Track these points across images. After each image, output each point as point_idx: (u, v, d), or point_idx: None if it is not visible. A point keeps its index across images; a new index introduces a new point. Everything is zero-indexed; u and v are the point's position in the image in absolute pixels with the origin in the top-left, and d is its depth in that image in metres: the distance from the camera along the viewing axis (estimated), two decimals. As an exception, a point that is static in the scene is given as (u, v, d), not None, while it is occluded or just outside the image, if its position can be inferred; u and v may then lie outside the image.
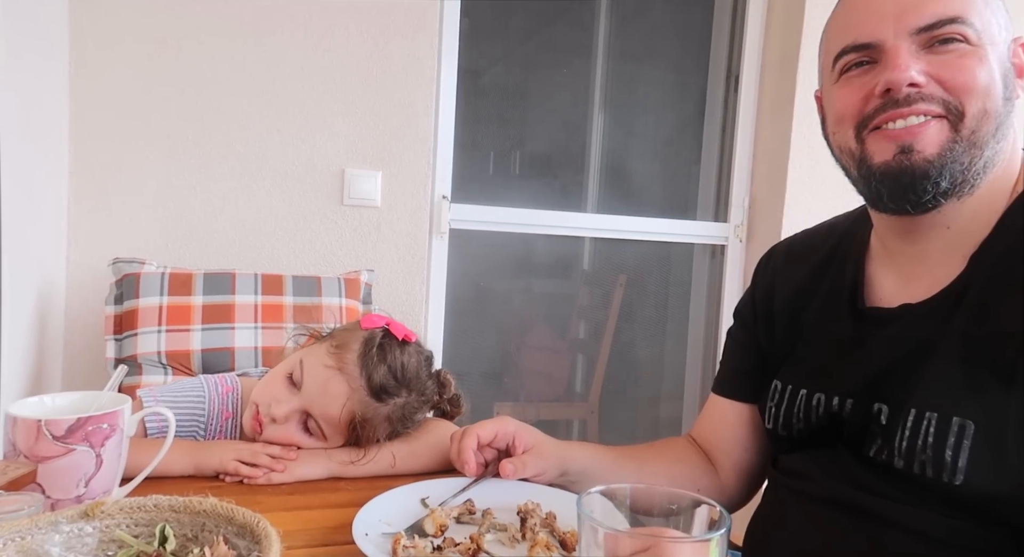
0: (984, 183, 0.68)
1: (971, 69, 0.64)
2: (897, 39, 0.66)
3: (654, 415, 2.52)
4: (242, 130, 1.72)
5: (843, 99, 0.71)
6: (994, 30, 0.66)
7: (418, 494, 0.78)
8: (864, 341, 0.74)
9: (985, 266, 0.67)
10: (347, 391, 0.85)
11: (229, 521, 0.51)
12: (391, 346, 0.88)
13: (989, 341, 0.64)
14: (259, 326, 1.50)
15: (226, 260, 1.72)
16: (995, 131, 0.66)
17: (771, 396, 0.83)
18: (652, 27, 2.28)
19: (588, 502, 0.49)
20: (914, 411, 0.67)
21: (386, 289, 1.82)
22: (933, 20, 0.65)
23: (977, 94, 0.65)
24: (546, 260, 2.29)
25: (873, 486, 0.70)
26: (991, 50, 0.65)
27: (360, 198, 1.81)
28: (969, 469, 0.63)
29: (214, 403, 0.94)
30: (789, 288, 0.86)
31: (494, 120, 2.19)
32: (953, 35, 0.65)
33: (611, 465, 0.88)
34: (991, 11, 0.67)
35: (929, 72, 0.65)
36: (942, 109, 0.65)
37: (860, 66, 0.69)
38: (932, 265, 0.71)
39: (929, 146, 0.65)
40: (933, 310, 0.69)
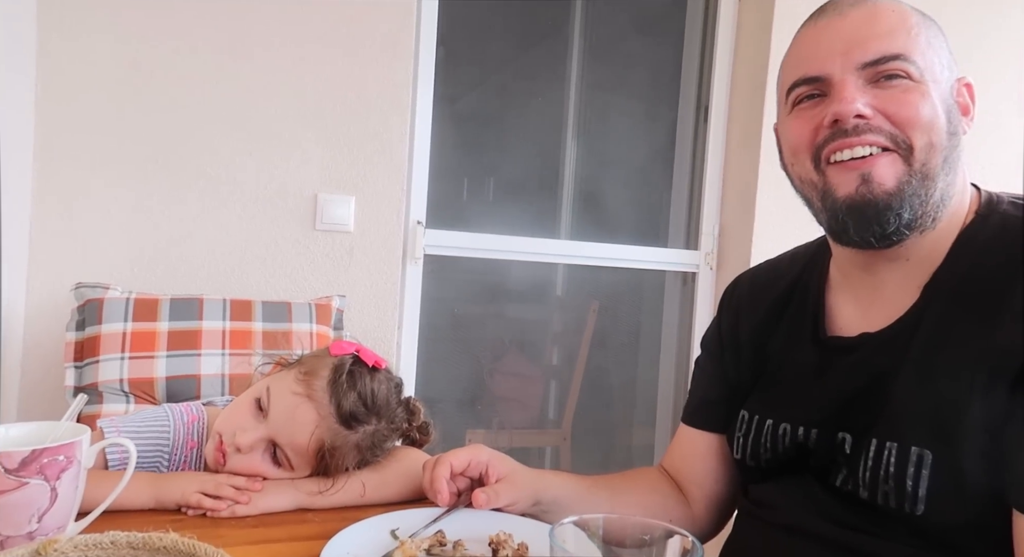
0: (944, 216, 0.70)
1: (915, 103, 0.67)
2: (844, 73, 0.69)
3: (627, 442, 2.52)
4: (213, 153, 1.70)
5: (795, 130, 0.73)
6: (936, 69, 0.69)
7: (388, 525, 0.76)
8: (826, 370, 0.75)
9: (938, 296, 0.69)
10: (316, 419, 0.82)
11: (190, 557, 0.49)
12: (361, 373, 0.86)
13: (944, 371, 0.65)
14: (227, 352, 1.47)
15: (194, 285, 1.68)
16: (943, 164, 0.68)
17: (739, 426, 0.83)
18: (624, 58, 2.34)
19: (561, 533, 0.49)
20: (875, 441, 0.68)
21: (358, 315, 1.80)
22: (877, 56, 0.68)
23: (922, 128, 0.67)
24: (519, 286, 2.29)
25: (841, 517, 0.71)
26: (934, 87, 0.68)
27: (333, 223, 1.79)
28: (929, 499, 0.63)
29: (179, 433, 0.91)
30: (754, 318, 0.87)
31: (469, 146, 2.20)
32: (897, 71, 0.68)
33: (584, 495, 0.87)
34: (934, 51, 0.70)
35: (875, 105, 0.68)
36: (889, 142, 0.68)
37: (811, 99, 0.72)
38: (889, 295, 0.73)
39: (887, 179, 0.68)
40: (891, 340, 0.70)
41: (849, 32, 0.69)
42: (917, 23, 0.70)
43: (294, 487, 0.84)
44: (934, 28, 0.72)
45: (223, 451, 0.85)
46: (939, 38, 0.71)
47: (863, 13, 0.70)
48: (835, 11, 0.71)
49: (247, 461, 0.84)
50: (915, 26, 0.70)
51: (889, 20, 0.69)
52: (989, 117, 2.20)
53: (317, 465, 0.85)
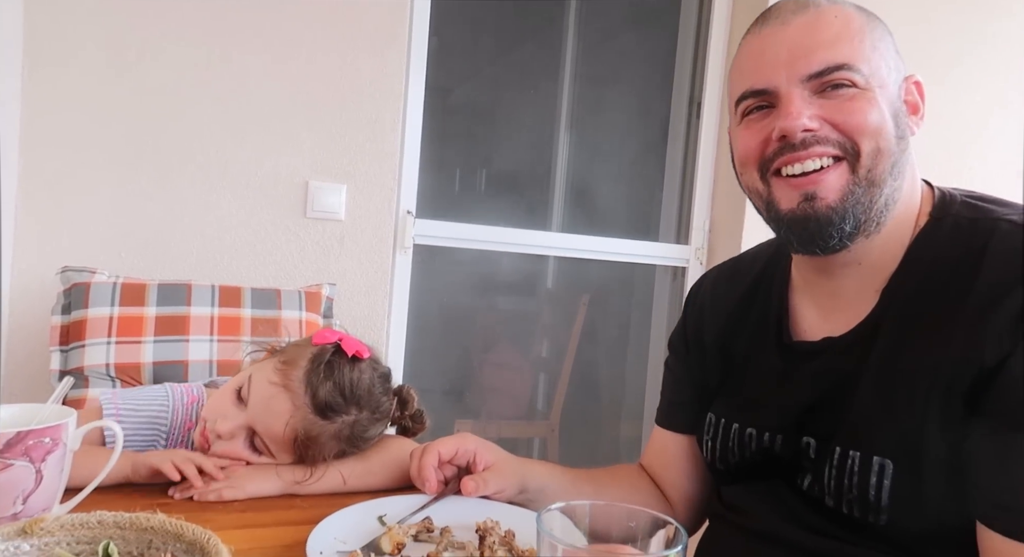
0: (889, 219, 0.70)
1: (862, 111, 0.67)
2: (790, 85, 0.68)
3: (614, 435, 2.53)
4: (203, 138, 1.69)
5: (744, 141, 0.73)
6: (883, 73, 0.68)
7: (375, 511, 0.77)
8: (791, 375, 0.76)
9: (896, 301, 0.69)
10: (290, 409, 0.82)
11: (178, 538, 0.49)
12: (340, 363, 0.86)
13: (903, 376, 0.65)
14: (215, 339, 1.46)
15: (183, 271, 1.67)
16: (891, 169, 0.68)
17: (707, 429, 0.84)
18: (618, 53, 2.34)
19: (548, 519, 0.49)
20: (839, 449, 0.68)
21: (348, 303, 1.80)
22: (822, 67, 0.67)
23: (869, 134, 0.67)
24: (510, 278, 2.30)
25: (810, 521, 0.71)
26: (880, 92, 0.67)
27: (323, 211, 1.79)
28: (891, 509, 0.64)
29: (178, 413, 0.92)
30: (718, 319, 0.87)
31: (461, 138, 2.20)
32: (842, 81, 0.67)
33: (569, 487, 0.88)
34: (879, 55, 0.69)
35: (822, 116, 0.67)
36: (839, 150, 0.68)
37: (760, 110, 0.72)
38: (848, 300, 0.73)
39: (831, 193, 0.68)
40: (852, 345, 0.71)
41: (792, 42, 0.68)
42: (861, 27, 0.69)
43: (277, 473, 0.84)
44: (879, 29, 0.71)
45: (207, 437, 0.85)
46: (885, 39, 0.71)
47: (805, 21, 0.68)
48: (777, 19, 0.70)
49: (229, 448, 0.85)
50: (859, 31, 0.68)
51: (832, 27, 0.68)
52: (985, 115, 2.22)
53: (295, 454, 0.85)
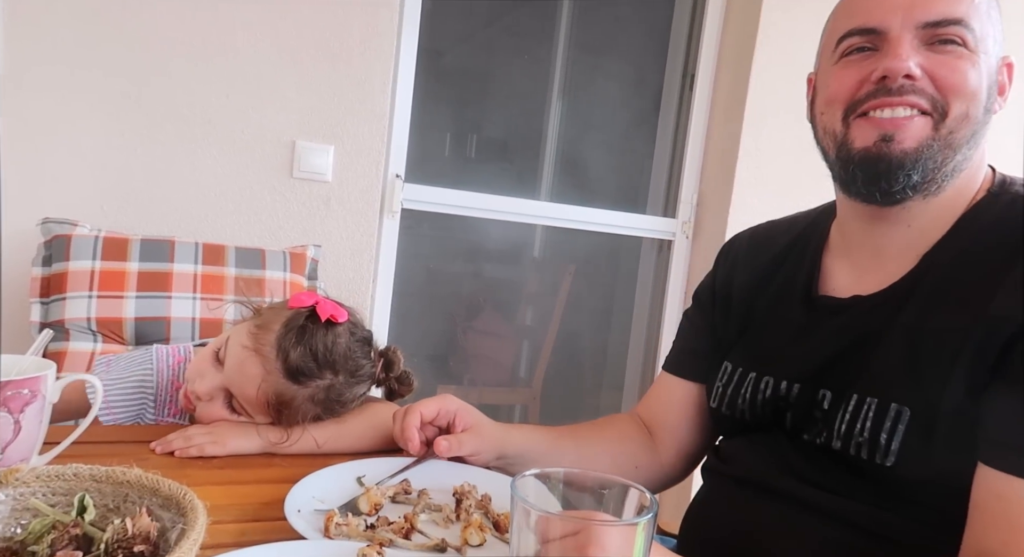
0: (950, 186, 0.71)
1: (963, 71, 0.67)
2: (903, 30, 0.68)
3: (595, 403, 2.57)
4: (189, 92, 1.65)
5: (839, 80, 0.72)
6: (990, 42, 0.69)
7: (354, 472, 0.78)
8: (814, 329, 0.77)
9: (936, 266, 0.70)
10: (262, 373, 0.83)
11: (154, 492, 0.50)
12: (314, 328, 0.85)
13: (932, 336, 0.67)
14: (198, 297, 1.45)
15: (166, 227, 1.65)
16: (971, 137, 0.69)
17: (720, 376, 0.86)
18: (614, 21, 2.30)
19: (522, 485, 0.50)
20: (855, 397, 0.70)
21: (333, 266, 1.79)
22: (939, 18, 0.67)
23: (964, 96, 0.67)
24: (497, 245, 2.29)
25: (804, 472, 0.73)
26: (984, 58, 0.68)
27: (311, 172, 1.76)
28: (900, 452, 0.66)
29: (163, 375, 0.92)
30: (748, 275, 0.89)
31: (452, 102, 2.17)
32: (954, 37, 0.67)
33: (550, 447, 0.89)
34: (991, 23, 0.69)
35: (925, 66, 0.68)
36: (929, 105, 0.68)
37: (862, 51, 0.71)
38: (886, 260, 0.74)
39: (908, 139, 0.68)
40: (882, 303, 0.72)
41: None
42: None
43: (259, 432, 0.85)
44: (994, 3, 0.71)
45: (189, 397, 0.87)
46: (996, 11, 0.71)
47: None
48: None
49: (209, 409, 0.86)
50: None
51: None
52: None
53: (272, 416, 0.85)
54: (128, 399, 0.91)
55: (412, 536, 0.65)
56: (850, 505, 0.69)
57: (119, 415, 0.91)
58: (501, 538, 0.67)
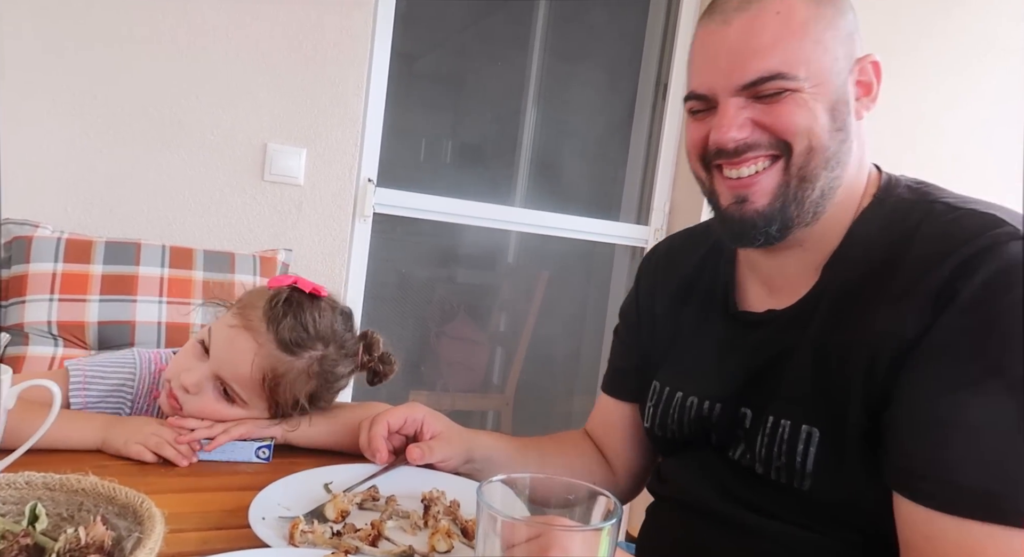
0: (829, 206, 0.72)
1: (791, 115, 0.68)
2: (725, 95, 0.70)
3: (567, 409, 2.57)
4: (157, 92, 1.63)
5: (690, 135, 0.76)
6: (825, 68, 0.68)
7: (322, 479, 0.77)
8: (734, 345, 0.78)
9: (836, 278, 0.71)
10: (254, 347, 0.81)
11: (110, 501, 0.48)
12: (300, 300, 0.84)
13: (834, 352, 0.67)
14: (164, 300, 1.43)
15: (132, 230, 1.62)
16: (826, 163, 0.70)
17: (651, 396, 0.86)
18: (589, 29, 2.32)
19: (489, 491, 0.50)
20: (771, 418, 0.71)
21: (304, 270, 1.77)
22: (755, 77, 0.68)
23: (800, 135, 0.68)
24: (471, 251, 2.29)
25: (737, 492, 0.74)
26: (817, 90, 0.68)
27: (282, 175, 1.74)
28: (815, 474, 0.67)
29: (144, 381, 0.90)
30: (669, 289, 0.89)
31: (427, 106, 2.16)
32: (775, 89, 0.68)
33: (514, 455, 0.89)
34: (822, 49, 0.68)
35: (755, 119, 0.69)
36: (774, 150, 0.70)
37: (702, 112, 0.74)
38: (791, 276, 0.75)
39: (762, 197, 0.70)
40: (794, 318, 0.73)
41: (730, 47, 0.69)
42: (805, 21, 0.68)
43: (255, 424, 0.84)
44: (828, 15, 0.69)
45: (175, 396, 0.83)
46: (835, 25, 0.69)
47: (746, 20, 0.68)
48: (721, 16, 0.70)
49: (199, 402, 0.83)
50: (801, 26, 0.68)
51: (770, 28, 0.67)
52: (939, 107, 2.28)
53: (268, 397, 0.83)
54: (107, 399, 0.88)
55: (379, 543, 0.64)
56: (777, 526, 0.70)
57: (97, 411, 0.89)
58: (469, 544, 0.66)
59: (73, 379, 0.86)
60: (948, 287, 0.60)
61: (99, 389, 0.88)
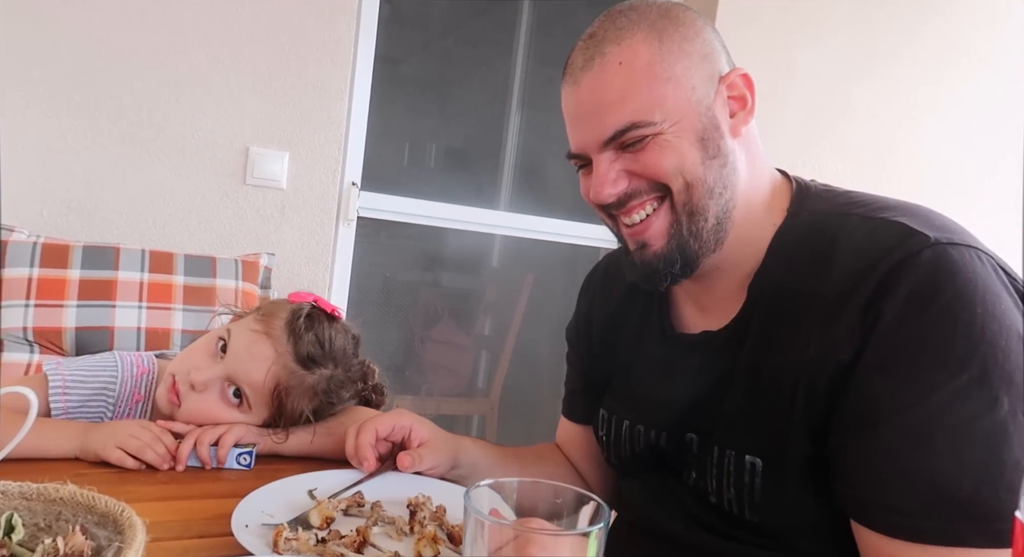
0: (730, 228, 0.71)
1: (656, 159, 0.68)
2: (594, 151, 0.70)
3: (553, 413, 2.56)
4: (136, 96, 1.61)
5: (583, 189, 0.76)
6: (683, 101, 0.68)
7: (306, 485, 0.76)
8: (673, 368, 0.78)
9: (762, 298, 0.70)
10: (273, 355, 0.82)
11: (89, 510, 0.47)
12: (320, 318, 0.87)
13: (769, 375, 0.66)
14: (144, 305, 1.41)
15: (110, 234, 1.60)
16: (710, 193, 0.69)
17: (600, 425, 0.86)
18: (573, 35, 2.32)
19: (476, 495, 0.49)
20: (717, 449, 0.70)
21: (287, 274, 1.76)
22: (611, 132, 0.68)
23: (671, 174, 0.68)
24: (456, 255, 2.29)
25: (698, 515, 0.73)
26: (678, 127, 0.67)
27: (264, 178, 1.73)
28: (762, 505, 0.66)
29: (127, 384, 0.88)
30: (605, 311, 0.89)
31: (411, 110, 2.16)
32: (634, 138, 0.68)
33: (498, 463, 0.89)
34: (675, 84, 0.67)
35: (627, 169, 0.70)
36: (655, 192, 0.70)
37: (585, 166, 0.74)
38: (719, 298, 0.75)
39: (658, 239, 0.71)
40: (728, 341, 0.72)
41: (584, 107, 0.70)
42: (649, 63, 0.67)
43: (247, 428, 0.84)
44: (675, 47, 0.68)
45: (176, 391, 0.83)
46: (684, 58, 0.68)
47: (591, 80, 0.69)
48: (571, 77, 0.71)
49: (201, 402, 0.82)
50: (646, 70, 0.67)
51: (615, 83, 0.67)
52: (916, 113, 2.32)
53: (273, 406, 0.84)
54: (88, 404, 0.87)
55: (365, 549, 0.64)
56: (735, 547, 0.70)
57: (78, 417, 0.87)
58: (455, 550, 0.66)
59: (52, 384, 0.84)
60: (872, 307, 0.59)
61: (79, 394, 0.86)
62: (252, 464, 0.83)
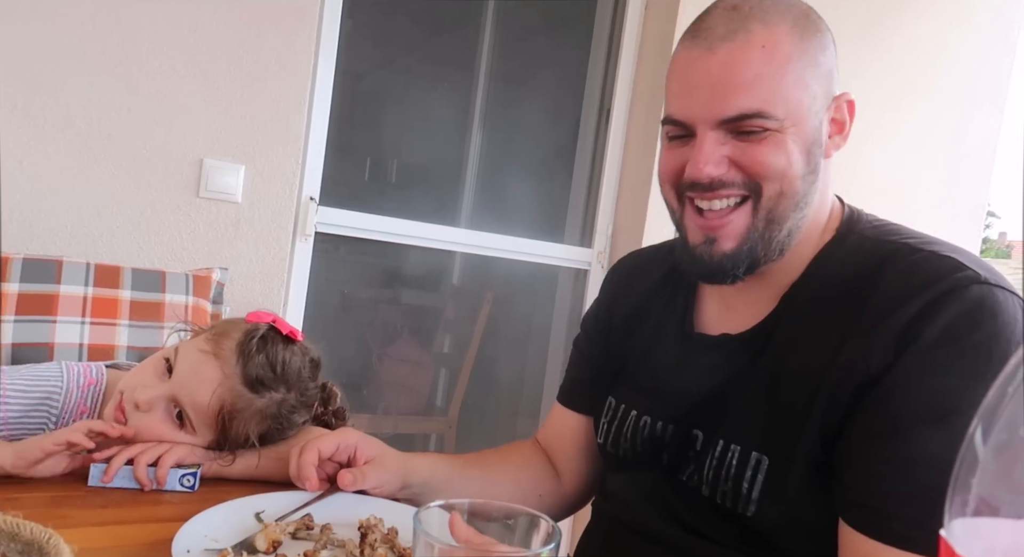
0: (793, 244, 0.73)
1: (768, 156, 0.68)
2: (705, 126, 0.69)
3: (511, 431, 2.56)
4: (85, 104, 1.56)
5: (665, 163, 0.76)
6: (803, 107, 0.68)
7: (252, 508, 0.73)
8: (688, 366, 0.79)
9: (792, 308, 0.73)
10: (219, 377, 0.80)
11: (12, 538, 0.45)
12: (274, 340, 0.84)
13: (788, 381, 0.69)
14: (87, 321, 1.35)
15: (53, 246, 1.54)
16: (794, 206, 0.70)
17: (605, 412, 0.86)
18: (534, 54, 2.36)
19: (426, 517, 0.49)
20: (722, 442, 0.72)
21: (241, 289, 1.72)
22: (736, 113, 0.67)
23: (774, 178, 0.69)
24: (415, 272, 2.27)
25: (683, 516, 0.75)
26: (795, 131, 0.68)
27: (218, 191, 1.69)
28: (760, 500, 0.68)
29: (71, 395, 0.85)
30: (628, 305, 0.90)
31: (372, 126, 2.15)
32: (755, 127, 0.67)
33: (455, 475, 0.88)
34: (802, 87, 0.68)
35: (732, 157, 0.69)
36: (744, 191, 0.70)
37: (680, 137, 0.73)
38: (749, 302, 0.77)
39: (729, 239, 0.71)
40: (748, 343, 0.74)
41: (714, 78, 0.67)
42: (787, 57, 0.67)
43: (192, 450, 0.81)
44: (811, 51, 0.69)
45: (123, 409, 0.80)
46: (816, 63, 0.69)
47: (730, 52, 0.67)
48: (705, 42, 0.69)
49: (147, 421, 0.80)
50: (784, 62, 0.67)
51: (754, 64, 0.66)
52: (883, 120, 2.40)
53: (218, 429, 0.81)
54: (29, 415, 0.82)
55: (312, 574, 0.62)
56: (717, 550, 0.71)
57: (16, 432, 0.83)
58: (406, 573, 0.64)
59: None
60: (912, 328, 0.62)
61: (20, 404, 0.82)
62: (196, 486, 0.80)
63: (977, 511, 0.24)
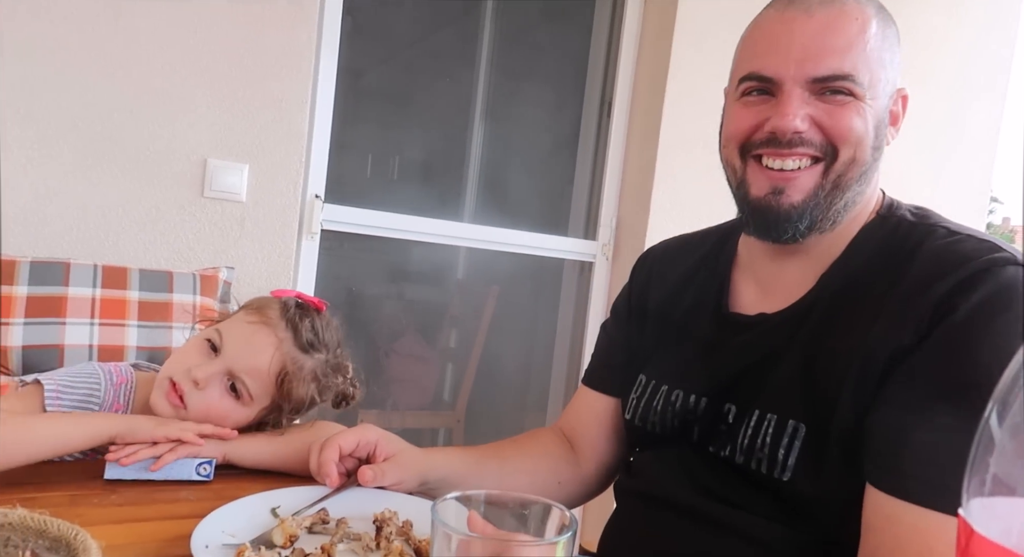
0: (846, 219, 0.75)
1: (849, 119, 0.71)
2: (793, 83, 0.71)
3: (519, 424, 2.57)
4: (88, 106, 1.56)
5: (738, 120, 0.76)
6: (880, 85, 0.72)
7: (269, 504, 0.74)
8: (723, 344, 0.81)
9: (831, 287, 0.75)
10: (275, 341, 0.85)
11: (40, 534, 0.45)
12: (307, 307, 0.90)
13: (825, 356, 0.70)
14: (96, 322, 1.36)
15: (61, 249, 1.54)
16: (860, 177, 0.73)
17: (635, 388, 0.88)
18: (535, 48, 2.35)
19: (443, 509, 0.49)
20: (757, 412, 0.73)
21: (248, 288, 1.72)
22: (828, 73, 0.70)
23: (851, 143, 0.71)
24: (420, 267, 2.28)
25: (711, 487, 0.76)
26: (872, 104, 0.71)
27: (223, 191, 1.70)
28: (796, 467, 0.70)
29: (108, 393, 0.88)
30: (662, 289, 0.92)
31: (374, 122, 2.15)
32: (842, 89, 0.70)
33: (472, 468, 0.88)
34: (882, 66, 0.72)
35: (813, 116, 0.71)
36: (819, 152, 0.72)
37: (760, 94, 0.74)
38: (788, 281, 0.78)
39: (797, 192, 0.73)
40: (784, 322, 0.76)
41: (809, 39, 0.70)
42: (875, 35, 0.71)
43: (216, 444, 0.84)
44: (891, 38, 0.73)
45: (180, 393, 0.83)
46: (892, 50, 0.73)
47: (828, 16, 0.70)
48: (803, 6, 0.71)
49: (206, 399, 0.83)
50: (872, 38, 0.71)
51: (849, 31, 0.70)
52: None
53: (277, 394, 0.85)
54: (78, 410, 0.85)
55: (329, 568, 0.62)
56: (748, 518, 0.72)
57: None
58: (423, 565, 0.65)
59: (47, 388, 0.84)
60: (947, 302, 0.64)
61: (71, 399, 0.85)
62: (212, 475, 0.81)
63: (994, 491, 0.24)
